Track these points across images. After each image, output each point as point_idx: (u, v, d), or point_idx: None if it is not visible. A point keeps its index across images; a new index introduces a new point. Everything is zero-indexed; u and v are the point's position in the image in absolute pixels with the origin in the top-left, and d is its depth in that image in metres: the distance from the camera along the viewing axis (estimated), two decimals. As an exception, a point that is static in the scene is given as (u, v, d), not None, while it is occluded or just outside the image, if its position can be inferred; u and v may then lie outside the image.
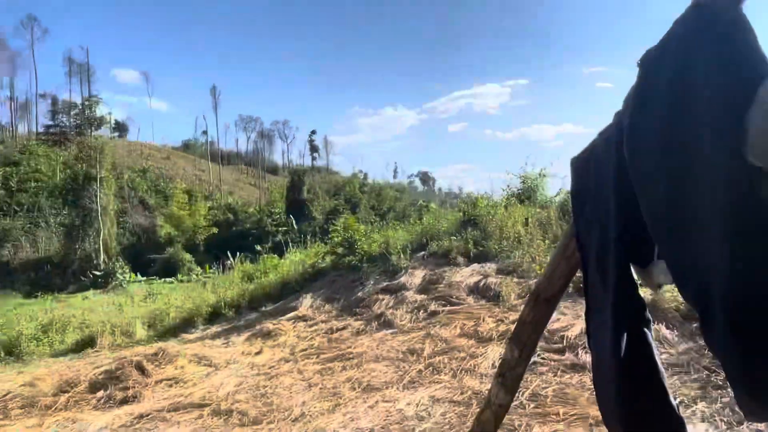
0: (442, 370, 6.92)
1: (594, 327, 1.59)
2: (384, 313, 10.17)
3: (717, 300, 1.17)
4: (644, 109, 1.37)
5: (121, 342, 13.56)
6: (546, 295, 1.96)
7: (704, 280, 1.20)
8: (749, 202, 1.17)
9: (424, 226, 13.92)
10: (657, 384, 1.44)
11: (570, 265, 1.84)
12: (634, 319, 1.47)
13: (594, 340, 1.59)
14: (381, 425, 5.40)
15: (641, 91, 1.39)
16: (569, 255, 1.82)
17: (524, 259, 10.57)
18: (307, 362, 8.37)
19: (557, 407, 5.23)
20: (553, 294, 1.96)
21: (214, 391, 7.35)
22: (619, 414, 1.47)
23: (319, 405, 6.29)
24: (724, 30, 1.24)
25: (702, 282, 1.21)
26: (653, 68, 1.37)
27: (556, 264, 1.91)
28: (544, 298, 1.97)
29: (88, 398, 7.83)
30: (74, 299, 31.01)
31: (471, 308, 9.25)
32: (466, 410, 5.53)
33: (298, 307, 12.29)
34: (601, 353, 1.53)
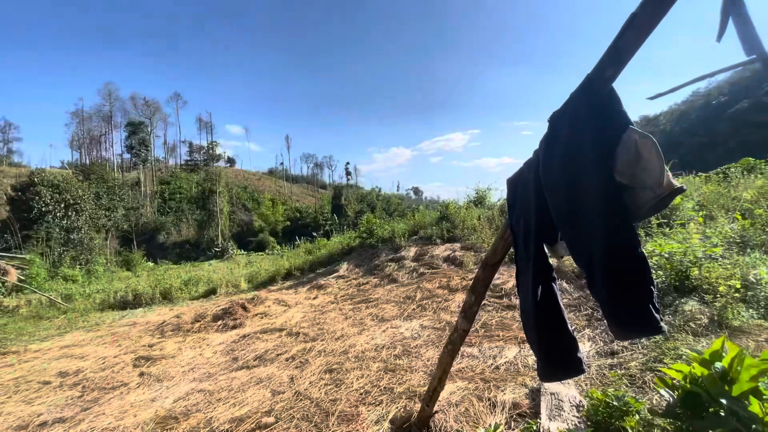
0: (427, 308, 6.90)
1: (520, 282, 1.59)
2: (391, 273, 10.15)
3: (597, 266, 1.17)
4: (551, 147, 1.36)
5: (232, 291, 13.67)
6: (491, 262, 1.95)
7: (589, 253, 1.20)
8: (616, 204, 1.17)
9: (416, 220, 13.86)
10: (559, 317, 1.43)
11: (506, 244, 1.84)
12: (545, 277, 1.46)
13: (521, 289, 1.59)
14: (390, 342, 5.40)
15: (549, 137, 1.38)
16: (506, 237, 1.81)
17: (478, 240, 10.50)
18: (345, 303, 8.38)
19: (498, 332, 5.20)
20: (496, 261, 1.95)
21: (288, 321, 7.39)
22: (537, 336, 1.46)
23: (352, 329, 6.31)
24: (602, 99, 1.24)
25: (588, 254, 1.20)
26: (557, 122, 1.36)
27: (498, 243, 1.90)
28: (490, 264, 1.97)
29: (212, 325, 7.89)
30: (203, 265, 31.30)
31: (445, 271, 9.21)
32: (442, 333, 5.51)
33: (339, 270, 12.30)
34: (525, 297, 1.53)
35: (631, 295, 1.09)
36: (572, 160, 1.25)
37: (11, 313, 13.63)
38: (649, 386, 3.32)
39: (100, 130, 73.78)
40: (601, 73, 1.24)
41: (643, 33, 1.14)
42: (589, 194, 1.20)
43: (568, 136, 1.28)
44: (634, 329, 1.13)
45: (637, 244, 1.12)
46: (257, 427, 3.42)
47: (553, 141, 1.34)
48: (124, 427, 3.73)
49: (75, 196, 30.19)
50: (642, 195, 1.20)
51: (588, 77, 1.27)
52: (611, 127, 1.22)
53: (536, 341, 1.46)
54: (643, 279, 1.09)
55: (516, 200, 1.63)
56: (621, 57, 1.20)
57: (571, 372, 1.42)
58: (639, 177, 1.19)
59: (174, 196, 56.78)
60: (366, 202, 63.69)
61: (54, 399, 4.84)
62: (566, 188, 1.26)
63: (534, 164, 1.48)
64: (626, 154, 1.20)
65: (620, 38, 1.17)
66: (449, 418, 3.16)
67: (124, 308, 13.06)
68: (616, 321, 1.12)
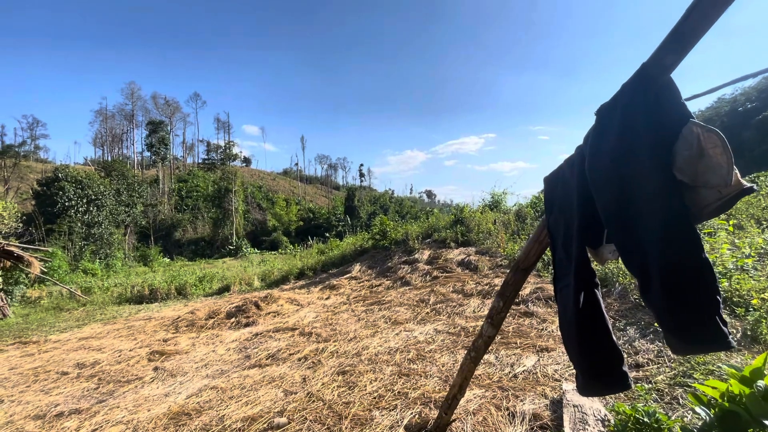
0: (441, 313, 6.76)
1: (560, 288, 1.47)
2: (404, 276, 10.04)
3: (653, 272, 1.06)
4: (599, 142, 1.25)
5: (245, 289, 13.74)
6: (523, 266, 1.84)
7: (644, 258, 1.09)
8: (676, 204, 1.06)
9: (430, 223, 13.73)
10: (603, 327, 1.32)
11: (541, 247, 1.73)
12: (588, 283, 1.35)
13: (560, 296, 1.47)
14: (403, 345, 5.30)
15: (597, 132, 1.27)
16: (541, 240, 1.70)
17: (493, 245, 10.31)
18: (357, 305, 8.31)
19: (516, 339, 5.04)
20: (529, 265, 1.84)
21: (301, 320, 7.35)
22: (578, 347, 1.35)
23: (364, 331, 6.22)
24: (659, 89, 1.13)
25: (642, 259, 1.09)
26: (606, 115, 1.26)
27: (531, 246, 1.79)
28: (521, 268, 1.85)
29: (225, 322, 7.92)
30: (217, 262, 31.69)
31: (459, 275, 9.05)
32: (457, 338, 5.38)
33: (351, 271, 12.25)
34: (566, 305, 1.41)
35: (695, 305, 0.98)
36: (624, 156, 1.14)
37: (33, 303, 14.00)
38: (680, 402, 3.14)
39: (122, 128, 75.86)
40: (659, 61, 1.13)
41: (711, 15, 1.03)
42: (645, 193, 1.09)
43: (620, 130, 1.17)
44: (697, 343, 1.01)
45: (701, 249, 1.00)
46: (269, 428, 3.36)
47: (602, 136, 1.23)
48: (137, 421, 3.72)
49: (97, 192, 30.97)
50: (705, 195, 1.08)
51: (644, 65, 1.16)
52: (669, 119, 1.11)
53: (577, 353, 1.34)
54: (709, 288, 0.98)
55: (555, 200, 1.52)
56: (683, 43, 1.09)
57: (615, 387, 1.31)
58: (702, 175, 1.07)
59: (191, 194, 57.74)
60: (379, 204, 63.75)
61: (71, 390, 4.88)
62: (617, 187, 1.15)
63: (577, 161, 1.38)
64: (687, 149, 1.09)
65: (684, 21, 1.05)
66: (467, 427, 3.04)
67: (140, 302, 13.27)
68: (678, 334, 1.01)
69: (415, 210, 63.26)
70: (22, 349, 7.35)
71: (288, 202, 64.57)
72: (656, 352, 4.07)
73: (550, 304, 6.24)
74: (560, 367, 4.12)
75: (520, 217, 11.65)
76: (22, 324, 10.61)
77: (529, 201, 12.93)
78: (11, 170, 50.51)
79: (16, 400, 4.65)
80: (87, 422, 3.82)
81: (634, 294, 5.58)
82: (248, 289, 13.48)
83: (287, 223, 53.76)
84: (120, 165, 43.16)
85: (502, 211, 13.05)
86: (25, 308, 13.30)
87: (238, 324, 7.69)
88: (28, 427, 3.87)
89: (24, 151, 58.64)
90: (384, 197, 74.47)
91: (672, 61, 1.12)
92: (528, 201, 12.99)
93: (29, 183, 44.05)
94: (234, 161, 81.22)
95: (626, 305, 5.41)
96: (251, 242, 45.24)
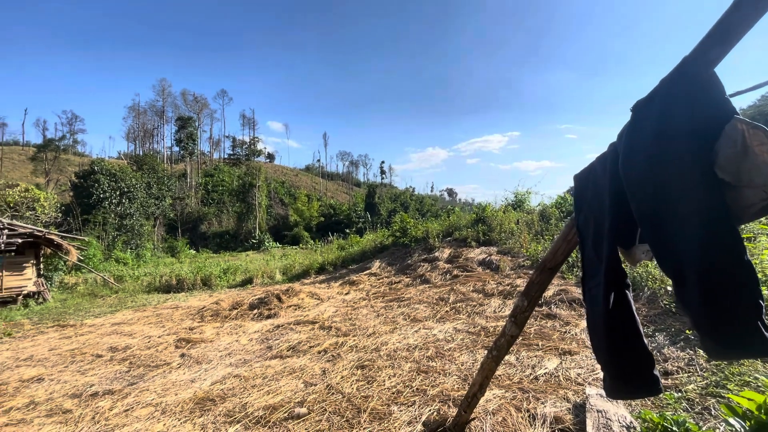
0: (461, 312, 6.72)
1: (589, 288, 1.44)
2: (424, 274, 10.02)
3: (690, 275, 1.02)
4: (634, 139, 1.21)
5: (267, 281, 14.05)
6: (550, 265, 1.81)
7: (680, 258, 1.05)
8: (717, 204, 1.02)
9: (451, 221, 13.60)
10: (634, 329, 1.28)
11: (569, 246, 1.69)
12: (618, 284, 1.31)
13: (589, 296, 1.44)
14: (422, 343, 5.29)
15: (632, 128, 1.23)
16: (569, 239, 1.66)
17: (515, 245, 10.12)
18: (376, 301, 8.36)
19: (537, 341, 4.95)
20: (555, 265, 1.80)
21: (321, 314, 7.46)
22: (607, 348, 1.32)
23: (383, 327, 6.25)
24: (702, 84, 1.09)
25: (679, 260, 1.05)
26: (642, 111, 1.22)
27: (559, 245, 1.75)
28: (548, 267, 1.82)
29: (248, 313, 8.13)
30: (241, 255, 32.48)
31: (480, 274, 8.95)
32: (477, 338, 5.33)
33: (371, 267, 12.32)
34: (595, 306, 1.38)
35: (735, 309, 0.94)
36: (662, 154, 1.10)
37: (70, 289, 14.78)
38: (711, 413, 3.01)
39: (153, 123, 78.73)
40: (702, 55, 1.08)
41: (762, 7, 0.98)
42: (683, 192, 1.05)
43: (658, 126, 1.13)
44: (736, 348, 0.97)
45: (743, 251, 0.96)
46: (290, 417, 3.44)
47: (638, 132, 1.19)
48: (166, 404, 3.88)
49: (129, 185, 32.31)
50: (749, 195, 1.03)
51: (685, 60, 1.11)
52: (712, 116, 1.06)
53: (605, 354, 1.31)
54: (751, 291, 0.93)
55: (585, 198, 1.48)
56: (729, 36, 1.04)
57: (645, 391, 1.27)
58: (746, 174, 1.03)
59: (216, 188, 59.34)
60: (399, 202, 63.63)
61: (105, 371, 5.14)
62: (653, 185, 1.11)
63: (610, 159, 1.34)
64: (730, 147, 1.04)
65: (731, 13, 1.01)
66: (486, 426, 3.02)
67: (168, 291, 13.80)
68: (715, 338, 0.97)
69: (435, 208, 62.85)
70: (61, 332, 7.79)
71: (309, 198, 65.32)
72: (687, 360, 3.92)
73: (574, 307, 6.09)
74: (583, 371, 4.02)
75: (545, 217, 11.38)
76: (61, 308, 11.24)
77: (553, 201, 12.61)
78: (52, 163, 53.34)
79: (56, 379, 4.94)
80: (119, 403, 4.02)
81: (664, 299, 5.37)
82: (270, 282, 13.78)
83: (308, 218, 54.37)
84: (151, 159, 44.85)
85: (525, 211, 12.79)
86: (63, 293, 14.07)
87: (260, 315, 7.87)
88: (66, 404, 4.10)
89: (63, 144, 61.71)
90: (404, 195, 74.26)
91: (716, 55, 1.07)
92: (553, 201, 12.67)
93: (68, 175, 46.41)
94: (258, 157, 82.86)
95: (655, 310, 5.22)
96: (273, 236, 46.12)
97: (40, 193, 23.08)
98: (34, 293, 12.35)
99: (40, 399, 4.31)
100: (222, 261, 23.17)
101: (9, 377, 5.11)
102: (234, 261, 22.64)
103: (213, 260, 25.44)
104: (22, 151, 65.48)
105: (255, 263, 19.76)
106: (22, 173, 53.00)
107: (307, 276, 13.94)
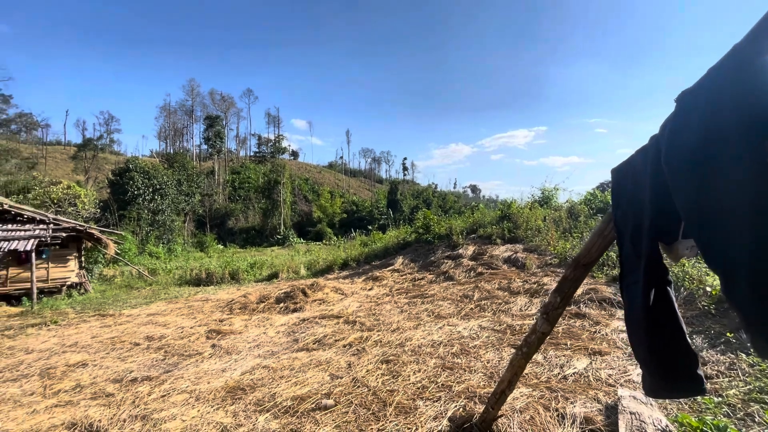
0: (486, 309, 6.65)
1: (627, 284, 1.40)
2: (447, 271, 9.96)
3: (740, 272, 0.98)
4: (680, 131, 1.17)
5: (292, 276, 14.34)
6: (584, 261, 1.76)
7: (730, 255, 1.01)
8: (769, 197, 0.98)
9: (475, 218, 13.44)
10: (676, 326, 1.24)
11: (605, 242, 1.64)
12: (660, 280, 1.28)
13: (627, 293, 1.40)
14: (447, 339, 5.28)
15: (678, 119, 1.19)
16: (605, 234, 1.62)
17: (542, 242, 9.90)
18: (400, 297, 8.38)
19: (566, 340, 4.85)
20: (591, 261, 1.76)
21: (345, 309, 7.56)
22: (647, 346, 1.28)
23: (407, 323, 6.27)
24: (755, 73, 1.04)
25: (728, 256, 1.01)
26: (689, 102, 1.17)
27: (594, 241, 1.71)
28: (582, 263, 1.78)
29: (275, 306, 8.33)
30: (266, 251, 33.24)
31: (505, 272, 8.81)
32: (503, 336, 5.27)
33: (394, 264, 12.35)
34: (633, 302, 1.35)
35: (791, 308, 0.90)
36: (710, 146, 1.06)
37: (108, 281, 15.60)
38: (755, 420, 2.86)
39: (183, 123, 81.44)
40: (754, 43, 1.03)
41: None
42: (733, 186, 1.01)
43: (705, 117, 1.08)
44: (790, 349, 0.93)
45: (800, 247, 0.92)
46: (317, 408, 3.52)
47: (683, 124, 1.15)
48: (199, 392, 4.06)
49: (161, 182, 33.66)
50: (806, 187, 0.98)
51: (736, 48, 1.06)
52: (766, 106, 1.01)
53: (646, 352, 1.27)
54: (809, 290, 0.89)
55: (624, 192, 1.44)
56: (787, 20, 0.99)
57: (688, 391, 1.23)
58: (803, 166, 0.98)
59: (243, 185, 60.90)
60: (422, 198, 63.26)
61: (142, 359, 5.42)
62: (700, 178, 1.07)
63: (651, 151, 1.30)
64: (786, 137, 0.99)
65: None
66: (513, 424, 2.99)
67: (198, 285, 14.33)
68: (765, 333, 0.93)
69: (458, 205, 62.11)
70: (101, 321, 8.25)
71: (332, 194, 65.99)
72: (728, 365, 3.74)
73: (604, 306, 5.92)
74: (615, 372, 3.91)
75: (573, 214, 11.06)
76: (100, 299, 11.89)
77: (582, 197, 12.23)
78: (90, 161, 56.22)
79: (98, 365, 5.25)
80: (157, 388, 4.23)
81: (702, 300, 5.13)
82: (295, 277, 14.06)
83: (331, 215, 54.99)
84: (181, 157, 46.47)
85: (552, 208, 12.47)
86: (102, 285, 14.86)
87: (286, 309, 8.06)
88: (109, 388, 4.36)
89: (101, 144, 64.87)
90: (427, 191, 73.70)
91: (771, 42, 1.02)
92: (581, 197, 12.29)
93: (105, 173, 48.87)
94: (283, 154, 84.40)
95: (693, 312, 5.00)
96: (297, 232, 46.96)
97: (81, 190, 24.42)
98: (76, 284, 13.12)
99: (85, 383, 4.60)
100: (248, 256, 23.82)
101: (57, 362, 5.47)
102: (260, 256, 23.23)
103: (240, 255, 26.17)
104: (64, 150, 69.31)
105: (280, 258, 20.19)
106: (64, 171, 56.16)
107: (330, 271, 14.13)
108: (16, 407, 4.03)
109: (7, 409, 3.98)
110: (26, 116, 59.59)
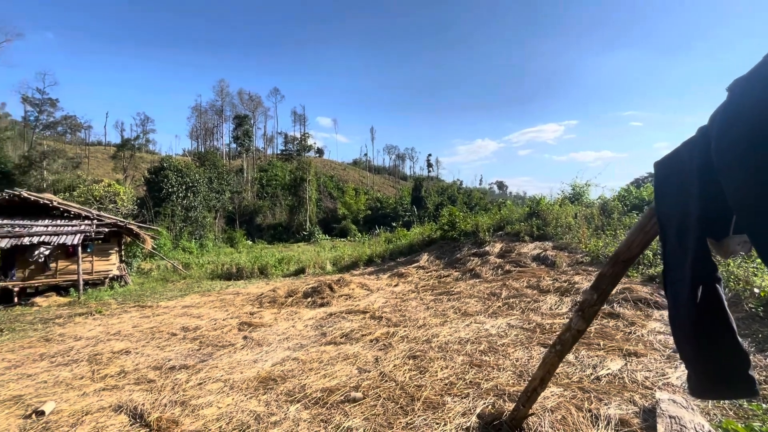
0: (514, 307, 6.54)
1: (671, 281, 1.35)
2: (474, 268, 9.85)
3: (799, 266, 0.94)
4: (732, 122, 1.12)
5: (318, 272, 14.58)
6: (624, 257, 1.71)
7: (787, 250, 0.96)
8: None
9: (502, 215, 13.20)
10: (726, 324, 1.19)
11: (646, 237, 1.59)
12: (708, 277, 1.23)
13: (671, 290, 1.35)
14: (474, 337, 5.24)
15: (729, 110, 1.13)
16: (647, 230, 1.57)
17: (573, 240, 9.61)
18: (425, 294, 8.37)
19: (598, 340, 4.70)
20: (630, 257, 1.70)
21: (371, 305, 7.63)
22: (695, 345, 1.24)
23: (433, 320, 6.27)
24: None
25: (785, 251, 0.97)
26: (741, 92, 1.11)
27: (635, 236, 1.65)
28: (622, 260, 1.72)
29: (302, 301, 8.52)
30: (293, 246, 33.93)
31: (534, 270, 8.62)
32: (532, 335, 5.17)
33: (419, 261, 12.33)
34: (678, 300, 1.30)
35: None
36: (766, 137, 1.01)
37: (146, 274, 16.40)
38: (809, 429, 2.69)
39: (213, 122, 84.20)
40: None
41: None
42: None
43: (761, 107, 1.03)
44: None
45: None
46: (346, 400, 3.59)
47: (736, 114, 1.09)
48: (233, 381, 4.22)
49: (193, 180, 34.97)
50: None
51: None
52: (829, 93, 0.96)
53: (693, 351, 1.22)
54: None
55: (668, 186, 1.39)
56: None
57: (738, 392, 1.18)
58: None
59: (270, 182, 62.33)
60: (446, 195, 62.60)
61: (179, 348, 5.69)
62: (755, 171, 1.02)
63: (699, 143, 1.24)
64: None
65: None
66: (544, 423, 2.94)
67: (228, 279, 14.83)
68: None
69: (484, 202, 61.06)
70: (141, 312, 8.70)
71: (357, 191, 66.42)
72: (778, 370, 3.52)
73: (640, 306, 5.69)
74: (652, 374, 3.76)
75: (605, 211, 10.66)
76: (139, 291, 12.54)
77: (616, 194, 11.75)
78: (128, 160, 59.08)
79: (140, 353, 5.55)
80: (194, 376, 4.43)
81: (749, 302, 4.85)
82: (321, 272, 14.30)
83: (356, 211, 55.37)
84: (212, 156, 48.08)
85: (583, 205, 12.07)
86: (140, 278, 15.66)
87: (313, 303, 8.23)
88: (150, 375, 4.61)
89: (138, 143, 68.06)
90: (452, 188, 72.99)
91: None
92: (615, 194, 11.81)
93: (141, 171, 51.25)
94: (308, 152, 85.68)
95: (738, 314, 4.73)
96: (322, 229, 47.63)
97: (120, 188, 25.77)
98: (117, 277, 13.89)
99: (129, 369, 4.88)
100: (276, 251, 24.41)
101: (103, 349, 5.84)
102: (287, 252, 23.76)
103: (268, 251, 26.84)
104: (104, 150, 73.21)
105: (306, 254, 20.57)
106: (104, 170, 59.42)
107: (356, 267, 14.27)
108: (68, 389, 4.34)
109: (61, 391, 4.29)
110: (71, 118, 63.33)
